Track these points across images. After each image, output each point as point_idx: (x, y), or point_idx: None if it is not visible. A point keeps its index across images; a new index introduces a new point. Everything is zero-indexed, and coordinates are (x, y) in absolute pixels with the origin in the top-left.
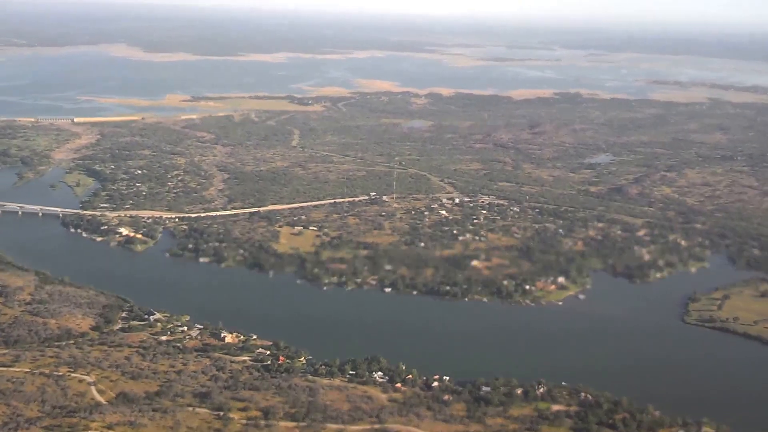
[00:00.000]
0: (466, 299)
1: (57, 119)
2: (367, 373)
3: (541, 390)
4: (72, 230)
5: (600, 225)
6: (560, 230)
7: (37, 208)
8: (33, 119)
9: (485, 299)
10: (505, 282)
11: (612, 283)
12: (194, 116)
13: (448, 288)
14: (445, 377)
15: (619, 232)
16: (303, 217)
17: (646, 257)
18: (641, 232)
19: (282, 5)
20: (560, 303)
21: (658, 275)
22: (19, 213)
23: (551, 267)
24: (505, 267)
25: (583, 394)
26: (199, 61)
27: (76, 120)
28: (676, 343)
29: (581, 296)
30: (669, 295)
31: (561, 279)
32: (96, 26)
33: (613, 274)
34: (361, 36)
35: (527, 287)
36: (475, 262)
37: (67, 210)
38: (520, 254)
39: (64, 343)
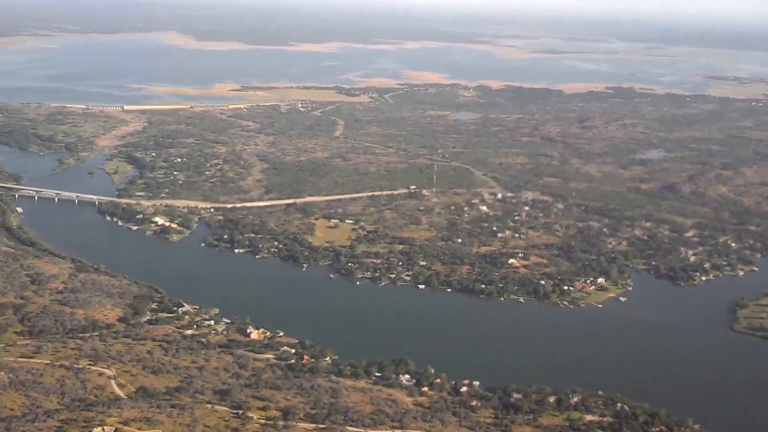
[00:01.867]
0: (502, 298)
1: (107, 106)
2: (393, 376)
3: (575, 399)
4: (108, 218)
5: (647, 224)
6: (605, 229)
7: (73, 195)
8: (83, 106)
9: (521, 299)
10: (542, 282)
11: (655, 286)
12: (241, 105)
13: (483, 286)
14: (474, 382)
15: (666, 232)
16: (340, 209)
17: (692, 259)
18: (690, 233)
19: None
20: (599, 305)
21: (704, 278)
22: (56, 200)
23: (592, 267)
24: (543, 266)
25: (619, 404)
26: (250, 50)
27: (125, 107)
28: (722, 352)
29: (622, 299)
30: (715, 300)
31: (601, 280)
32: (150, 14)
33: (656, 276)
34: (414, 26)
35: (565, 288)
36: (512, 261)
37: (103, 197)
38: (561, 253)
39: (88, 334)
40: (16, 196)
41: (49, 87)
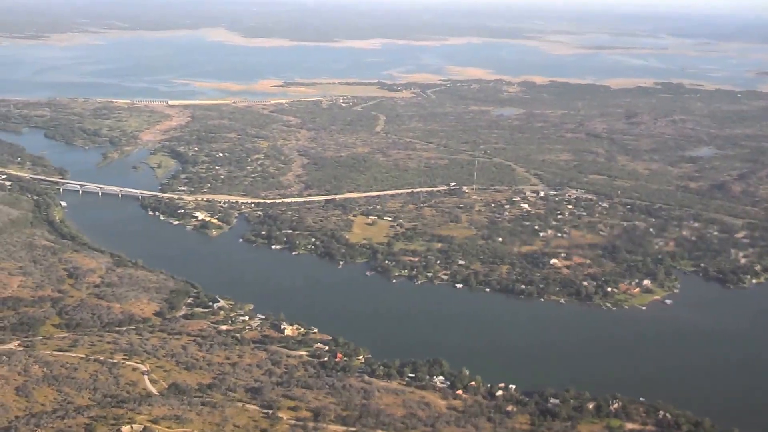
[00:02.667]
0: (542, 299)
1: (152, 101)
2: (427, 377)
3: (616, 405)
4: (150, 212)
5: (695, 225)
6: (651, 229)
7: (116, 189)
8: (129, 101)
9: (562, 300)
10: (585, 283)
11: (703, 289)
12: (284, 101)
13: (523, 287)
14: (511, 386)
15: (715, 233)
16: (378, 206)
17: (742, 261)
18: (740, 234)
19: None
20: (644, 308)
21: (755, 281)
22: (99, 194)
23: (637, 268)
24: (586, 267)
25: (661, 412)
26: (294, 46)
27: (170, 102)
28: None
29: (668, 301)
30: (766, 304)
31: (647, 282)
32: (199, 11)
33: (704, 278)
34: (459, 22)
35: (609, 289)
36: (554, 261)
37: (146, 192)
38: (605, 253)
39: (124, 328)
40: (61, 190)
41: (96, 82)
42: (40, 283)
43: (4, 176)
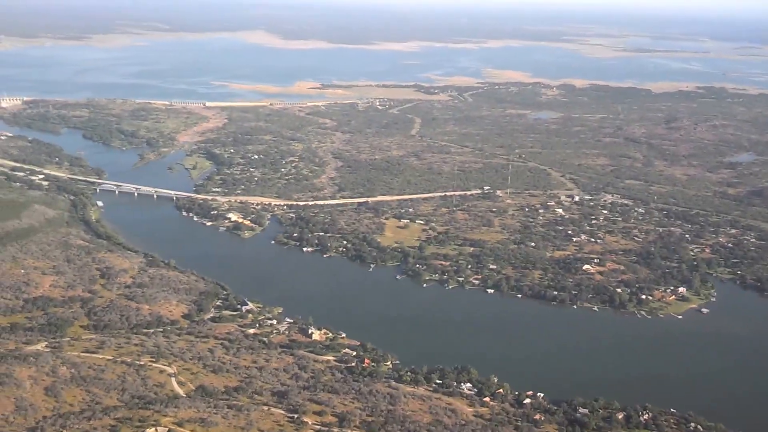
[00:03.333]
0: (575, 306)
1: (189, 103)
2: (454, 384)
3: (646, 416)
4: (184, 213)
5: (733, 231)
6: (687, 235)
7: (152, 190)
8: (167, 102)
9: (595, 307)
10: (618, 290)
11: (740, 297)
12: (320, 103)
13: (555, 293)
14: (539, 394)
15: (753, 239)
16: (411, 209)
17: None
18: None
19: None
20: (679, 316)
21: None
22: (135, 194)
23: (672, 275)
24: (620, 273)
25: (693, 424)
26: (332, 49)
27: (207, 104)
28: None
29: (704, 310)
30: None
31: (682, 289)
32: (239, 13)
33: (742, 286)
34: (497, 25)
35: (643, 296)
36: (587, 267)
37: (180, 193)
38: (639, 260)
39: (152, 330)
40: (98, 190)
41: (136, 83)
42: (72, 282)
43: (42, 176)
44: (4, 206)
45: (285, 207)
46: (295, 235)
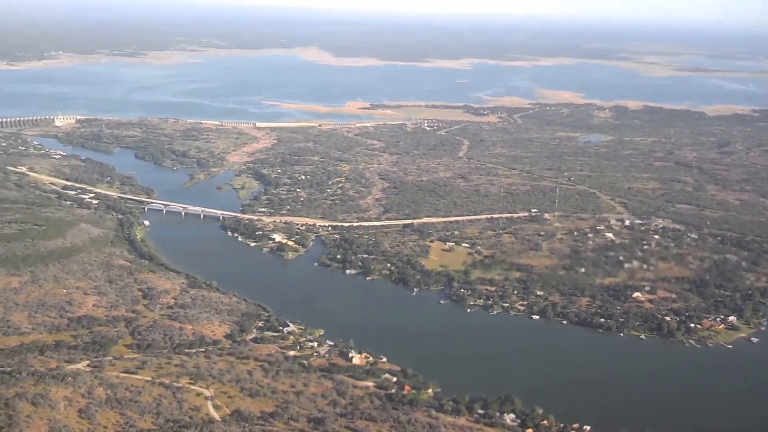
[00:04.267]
0: (622, 334)
1: (240, 123)
2: (497, 415)
3: None
4: (229, 233)
5: None
6: (743, 263)
7: (199, 209)
8: (218, 122)
9: (643, 336)
10: (667, 318)
11: None
12: (368, 124)
13: (602, 320)
14: (585, 427)
15: None
16: (456, 232)
17: None
18: None
19: (473, 9)
20: (729, 345)
21: None
22: (183, 214)
23: (725, 304)
24: (671, 301)
25: None
26: (385, 66)
27: (257, 124)
28: None
29: (754, 339)
30: None
31: (732, 318)
32: (293, 30)
33: None
34: (551, 42)
35: (692, 325)
36: (636, 294)
37: (227, 213)
38: (691, 287)
39: (194, 350)
40: (146, 209)
41: (188, 102)
42: (115, 302)
43: (92, 195)
44: (51, 225)
45: (329, 228)
46: (338, 256)
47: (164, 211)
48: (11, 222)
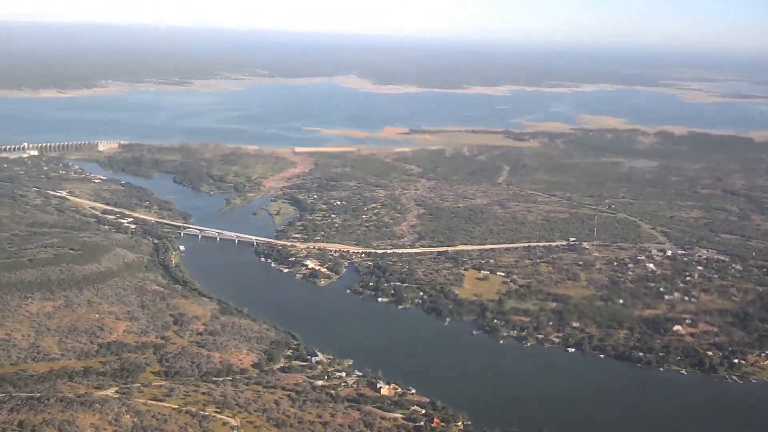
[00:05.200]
0: (661, 369)
1: (279, 148)
2: None
3: None
4: (263, 259)
5: None
6: None
7: (233, 235)
8: (257, 147)
9: (683, 371)
10: (709, 353)
11: None
12: (407, 149)
13: (641, 354)
14: None
15: None
16: (492, 260)
17: None
18: None
19: (514, 36)
20: None
21: None
22: (217, 239)
23: None
24: (712, 335)
25: None
26: (424, 93)
27: (296, 149)
28: None
29: None
30: None
31: None
32: (335, 57)
33: None
34: (592, 68)
35: (735, 360)
36: (677, 327)
37: (261, 238)
38: (735, 321)
39: (221, 379)
40: (182, 234)
41: (230, 128)
42: (146, 329)
43: (130, 219)
44: (86, 250)
45: (363, 255)
46: (371, 284)
47: (200, 236)
48: (47, 246)
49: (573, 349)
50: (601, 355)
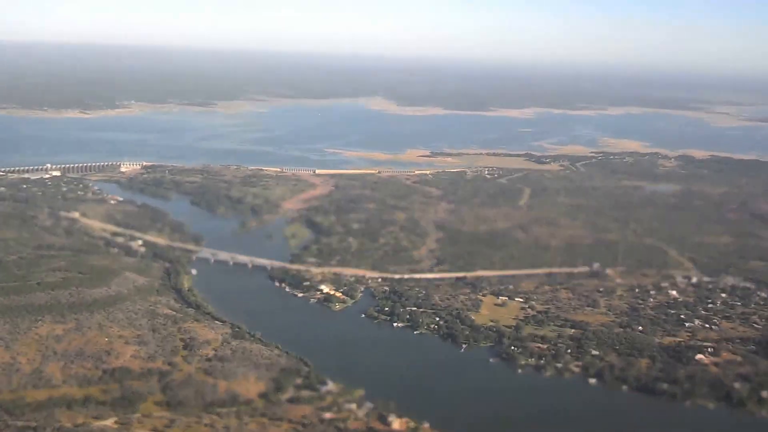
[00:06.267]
0: (686, 403)
1: (300, 170)
2: None
3: None
4: (277, 284)
5: None
6: None
7: (247, 259)
8: (278, 169)
9: (710, 405)
10: (736, 385)
11: None
12: (428, 171)
13: (665, 386)
14: None
15: None
16: (511, 286)
17: None
18: None
19: (541, 58)
20: None
21: None
22: (230, 263)
23: None
24: (736, 364)
25: None
26: (448, 115)
27: (316, 171)
28: None
29: None
30: None
31: None
32: (360, 80)
33: None
34: (621, 91)
35: (764, 393)
36: (700, 356)
37: (275, 262)
38: (758, 349)
39: (226, 409)
40: (194, 258)
41: (252, 150)
42: (153, 354)
43: (141, 242)
44: (95, 273)
45: (379, 279)
46: (386, 309)
47: (212, 260)
48: (55, 270)
49: (594, 380)
50: (624, 387)
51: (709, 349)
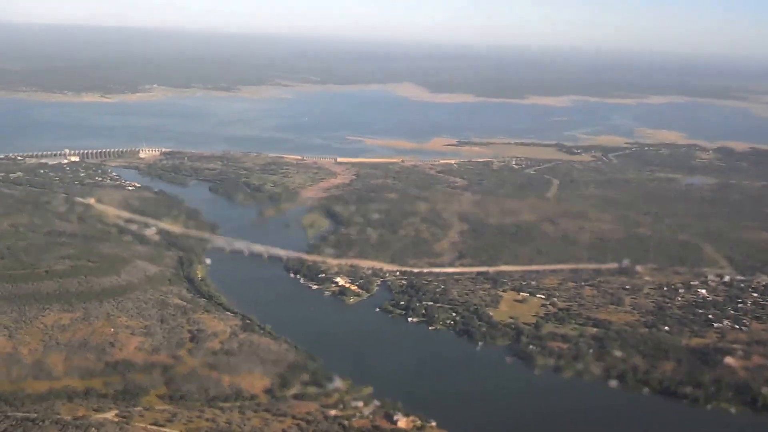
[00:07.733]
0: (709, 407)
1: (321, 158)
2: None
3: None
4: (292, 275)
5: None
6: None
7: (263, 248)
8: (299, 157)
9: (732, 409)
10: (764, 390)
11: None
12: (453, 161)
13: (689, 389)
14: None
15: None
16: (533, 282)
17: None
18: None
19: (584, 47)
20: None
21: None
22: (246, 252)
23: None
24: (766, 368)
25: None
26: (478, 102)
27: (338, 159)
28: None
29: None
30: None
31: None
32: (390, 65)
33: None
34: (664, 79)
35: None
36: (728, 359)
37: (291, 253)
38: None
39: (229, 404)
40: (209, 246)
41: (274, 137)
42: (158, 346)
43: (154, 230)
44: (104, 262)
45: (398, 273)
46: (402, 303)
47: (227, 249)
48: (64, 257)
49: (615, 382)
50: (646, 389)
51: (738, 352)
